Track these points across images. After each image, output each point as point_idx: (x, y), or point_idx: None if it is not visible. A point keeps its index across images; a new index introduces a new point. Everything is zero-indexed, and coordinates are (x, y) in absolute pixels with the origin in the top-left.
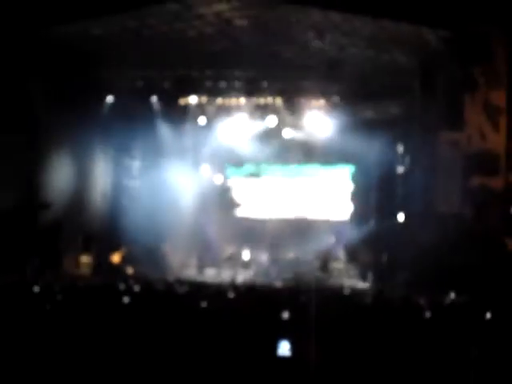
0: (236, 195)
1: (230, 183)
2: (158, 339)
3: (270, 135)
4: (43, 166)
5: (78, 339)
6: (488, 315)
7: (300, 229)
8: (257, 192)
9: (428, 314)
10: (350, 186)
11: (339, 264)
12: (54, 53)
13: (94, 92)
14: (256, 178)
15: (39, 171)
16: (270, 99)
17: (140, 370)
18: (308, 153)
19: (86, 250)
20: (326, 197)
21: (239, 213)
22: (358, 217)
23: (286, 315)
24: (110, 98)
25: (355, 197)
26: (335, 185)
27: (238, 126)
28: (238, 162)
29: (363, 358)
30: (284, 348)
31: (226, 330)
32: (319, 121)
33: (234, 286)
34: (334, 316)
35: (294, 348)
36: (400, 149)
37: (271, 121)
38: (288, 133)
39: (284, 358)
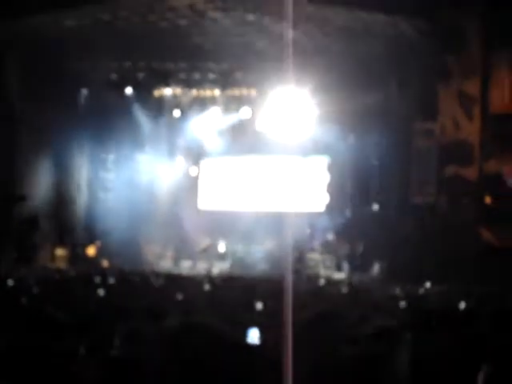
0: (208, 187)
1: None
2: (135, 330)
3: (244, 127)
4: (18, 159)
5: (56, 332)
6: (462, 305)
7: (275, 220)
8: (231, 184)
9: (403, 304)
10: (326, 177)
11: (315, 255)
12: (28, 45)
13: (69, 85)
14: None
15: (14, 164)
16: (244, 91)
17: (119, 362)
18: (283, 144)
19: (61, 242)
20: (301, 188)
21: (214, 205)
22: (334, 208)
23: (259, 306)
24: (84, 91)
25: (331, 188)
26: (311, 176)
27: (212, 117)
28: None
29: (335, 348)
30: (253, 336)
31: (200, 321)
32: (294, 112)
33: (209, 277)
34: (308, 306)
35: (264, 337)
36: (375, 139)
37: (245, 112)
38: (262, 124)
39: (253, 347)
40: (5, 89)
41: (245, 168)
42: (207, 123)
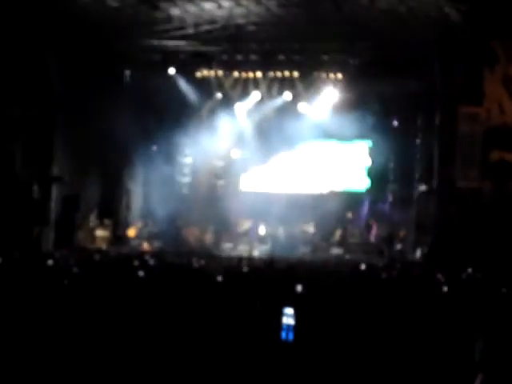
0: (249, 169)
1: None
2: (174, 312)
3: (286, 110)
4: (58, 139)
5: (96, 314)
6: (504, 290)
7: (316, 204)
8: (272, 166)
9: (445, 289)
10: (368, 161)
11: (356, 239)
12: (71, 26)
13: (112, 65)
14: None
15: (54, 145)
16: (286, 73)
17: (156, 343)
18: (325, 127)
19: (101, 224)
20: (343, 172)
21: (255, 188)
22: (376, 192)
23: (299, 288)
24: (127, 72)
25: (372, 172)
26: (352, 160)
27: (254, 99)
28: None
29: (376, 331)
30: (288, 314)
31: (239, 303)
32: (336, 95)
33: (250, 259)
34: (348, 290)
35: (302, 318)
36: (418, 123)
37: (287, 95)
38: (304, 107)
39: (290, 327)
40: (47, 71)
41: (286, 150)
42: (249, 105)
